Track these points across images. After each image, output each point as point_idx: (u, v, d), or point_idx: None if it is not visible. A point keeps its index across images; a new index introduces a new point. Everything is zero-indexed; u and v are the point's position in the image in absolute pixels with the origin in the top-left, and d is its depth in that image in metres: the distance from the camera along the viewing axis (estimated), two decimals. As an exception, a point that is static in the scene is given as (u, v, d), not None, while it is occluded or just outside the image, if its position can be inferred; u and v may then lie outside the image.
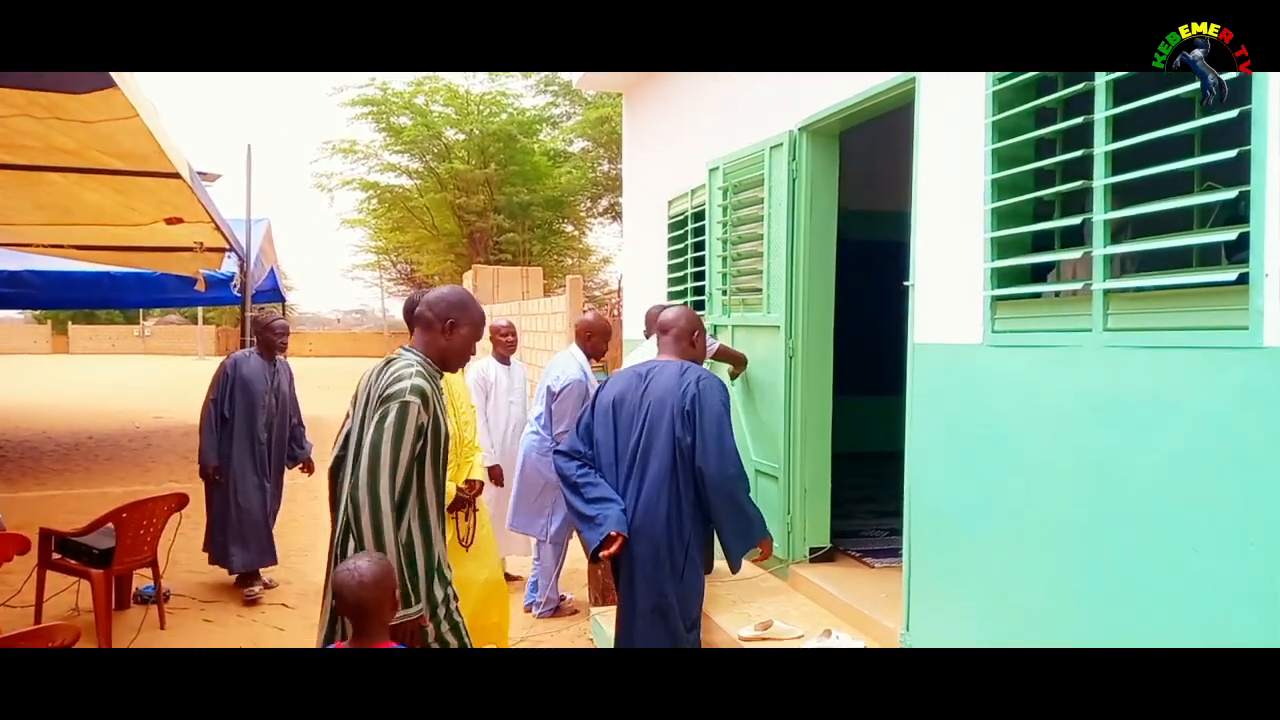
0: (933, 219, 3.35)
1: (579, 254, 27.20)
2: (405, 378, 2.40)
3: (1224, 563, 2.11)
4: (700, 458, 2.97)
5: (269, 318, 5.36)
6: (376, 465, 2.31)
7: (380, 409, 2.37)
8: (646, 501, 2.99)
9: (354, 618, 2.15)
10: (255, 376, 5.09)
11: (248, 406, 5.06)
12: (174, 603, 4.84)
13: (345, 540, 2.37)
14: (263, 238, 9.20)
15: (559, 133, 23.33)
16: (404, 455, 2.34)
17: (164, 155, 4.56)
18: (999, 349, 2.93)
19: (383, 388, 2.42)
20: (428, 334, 2.56)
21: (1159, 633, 2.29)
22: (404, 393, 2.36)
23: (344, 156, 23.26)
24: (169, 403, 16.62)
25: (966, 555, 3.10)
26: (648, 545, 2.99)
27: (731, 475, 2.98)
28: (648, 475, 3.01)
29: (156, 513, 4.50)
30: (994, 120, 2.91)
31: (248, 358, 5.17)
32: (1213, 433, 2.14)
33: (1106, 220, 2.49)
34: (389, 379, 2.44)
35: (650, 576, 3.00)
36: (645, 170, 7.18)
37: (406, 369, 2.44)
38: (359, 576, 2.12)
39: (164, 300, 15.50)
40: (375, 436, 2.33)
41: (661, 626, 3.02)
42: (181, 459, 10.06)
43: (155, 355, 38.25)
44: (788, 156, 4.37)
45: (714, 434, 2.97)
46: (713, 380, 3.11)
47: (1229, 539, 2.09)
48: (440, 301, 2.57)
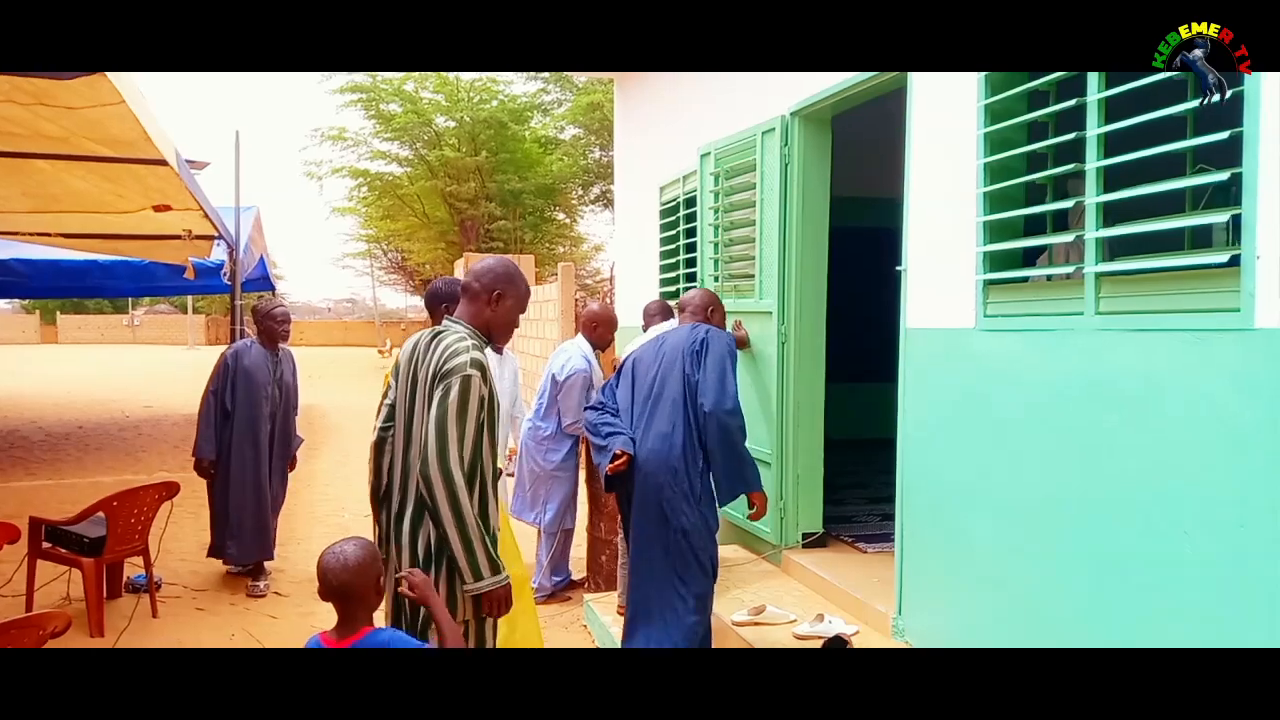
0: (925, 203, 3.34)
1: (571, 242, 27.14)
2: (462, 351, 2.39)
3: (1216, 545, 2.12)
4: (701, 392, 3.21)
5: (270, 305, 5.15)
6: (445, 441, 2.31)
7: (442, 385, 2.36)
8: (659, 434, 3.22)
9: (339, 602, 2.12)
10: (257, 367, 4.94)
11: (250, 398, 4.90)
12: (166, 591, 4.83)
13: (419, 520, 2.42)
14: (252, 225, 9.14)
15: (550, 120, 23.23)
16: (470, 428, 2.35)
17: (151, 142, 4.51)
18: (991, 333, 2.94)
19: (439, 362, 2.41)
20: (474, 305, 2.56)
21: (1150, 615, 2.30)
22: (464, 366, 2.36)
23: (333, 144, 23.15)
24: (159, 392, 16.55)
25: (959, 539, 3.11)
26: (666, 472, 3.19)
27: (727, 410, 3.17)
28: (661, 410, 3.24)
29: (147, 501, 4.48)
30: (986, 104, 2.90)
31: (249, 348, 5.00)
32: (1204, 415, 2.14)
33: (1099, 203, 2.49)
34: (444, 353, 2.42)
35: (671, 500, 3.19)
36: (637, 156, 7.15)
37: (460, 343, 2.43)
38: (344, 560, 2.10)
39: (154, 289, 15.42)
40: (440, 412, 2.33)
41: (686, 547, 3.19)
42: (173, 448, 10.03)
43: (145, 345, 38.06)
44: (780, 141, 4.36)
45: (715, 373, 3.20)
46: (721, 333, 3.35)
47: (1220, 521, 2.10)
48: (487, 273, 2.56)
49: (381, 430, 2.66)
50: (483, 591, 2.34)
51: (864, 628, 3.60)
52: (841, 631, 3.49)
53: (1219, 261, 2.13)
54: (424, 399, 2.42)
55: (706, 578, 3.23)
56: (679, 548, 3.18)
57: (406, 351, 2.59)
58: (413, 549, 2.44)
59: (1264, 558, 2.00)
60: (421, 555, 2.43)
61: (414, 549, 2.44)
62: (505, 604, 2.41)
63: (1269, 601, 1.99)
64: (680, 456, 3.18)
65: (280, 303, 5.21)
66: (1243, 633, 2.06)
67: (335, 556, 2.11)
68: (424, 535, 2.42)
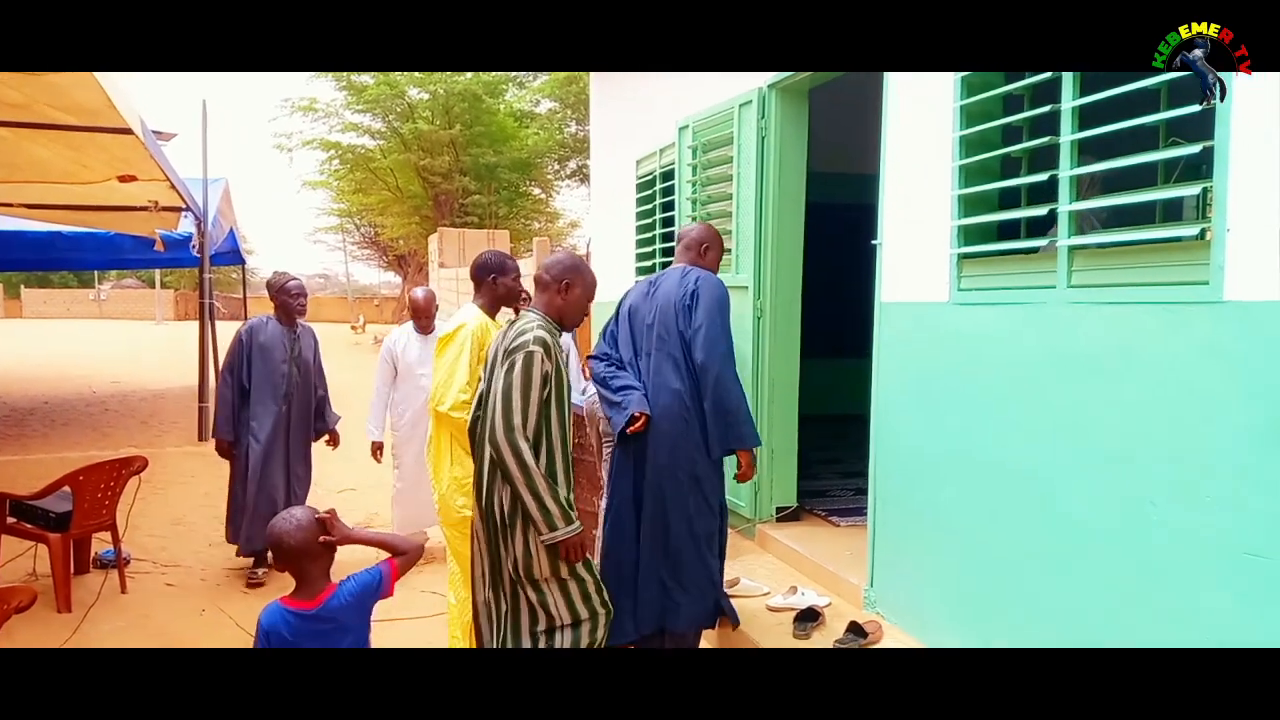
0: (901, 177, 3.34)
1: (547, 218, 26.97)
2: (527, 331, 2.69)
3: (1181, 513, 2.15)
4: (692, 343, 3.26)
5: (282, 279, 4.84)
6: (509, 407, 2.60)
7: (508, 360, 2.66)
8: (670, 389, 3.26)
9: (295, 565, 2.15)
10: (273, 344, 4.69)
11: (267, 376, 4.66)
12: (134, 567, 4.77)
13: (493, 484, 2.68)
14: (220, 197, 8.99)
15: (526, 93, 22.99)
16: (533, 397, 2.62)
17: (116, 110, 4.40)
18: (965, 306, 2.95)
19: (509, 343, 2.71)
20: (545, 294, 2.88)
21: (1118, 583, 2.34)
22: (528, 344, 2.65)
23: (304, 115, 22.76)
24: (127, 368, 16.31)
25: (930, 511, 3.14)
26: (679, 425, 3.25)
27: (717, 364, 3.21)
28: (665, 365, 3.29)
29: (114, 476, 4.42)
30: (963, 78, 2.90)
31: (265, 324, 4.75)
32: (1173, 386, 2.17)
33: (1072, 176, 2.50)
34: (513, 335, 2.73)
35: (684, 449, 3.25)
36: (613, 130, 7.09)
37: (528, 325, 2.73)
38: (297, 522, 2.14)
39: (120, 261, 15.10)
40: (505, 384, 2.62)
41: (699, 494, 3.26)
42: (140, 424, 9.90)
43: (112, 320, 37.43)
44: (757, 114, 4.33)
45: (705, 325, 3.24)
46: (711, 279, 3.36)
47: (1187, 490, 2.13)
48: (556, 265, 2.89)
49: (475, 414, 2.87)
50: (557, 540, 2.61)
51: (836, 599, 3.64)
52: (814, 604, 3.52)
53: (1189, 235, 2.14)
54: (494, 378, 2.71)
55: (715, 518, 3.37)
56: (694, 494, 3.27)
57: (493, 344, 2.91)
58: (490, 510, 2.71)
59: (1228, 526, 2.03)
60: (499, 516, 2.69)
61: (492, 511, 2.70)
62: (580, 550, 2.68)
63: (1232, 568, 2.02)
64: (689, 409, 3.27)
65: (293, 276, 4.90)
66: (1207, 599, 2.10)
67: (287, 521, 2.16)
68: (498, 497, 2.68)
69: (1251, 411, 1.98)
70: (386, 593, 2.23)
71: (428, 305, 5.05)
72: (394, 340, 5.03)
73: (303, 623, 2.10)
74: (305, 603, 2.11)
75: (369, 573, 2.22)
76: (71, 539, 4.28)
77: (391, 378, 4.97)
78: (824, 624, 3.39)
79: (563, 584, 2.72)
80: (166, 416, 10.42)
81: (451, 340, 3.31)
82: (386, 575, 2.22)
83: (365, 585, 2.19)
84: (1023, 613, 2.69)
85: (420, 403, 4.64)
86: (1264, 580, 1.96)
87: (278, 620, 2.11)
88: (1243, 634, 2.01)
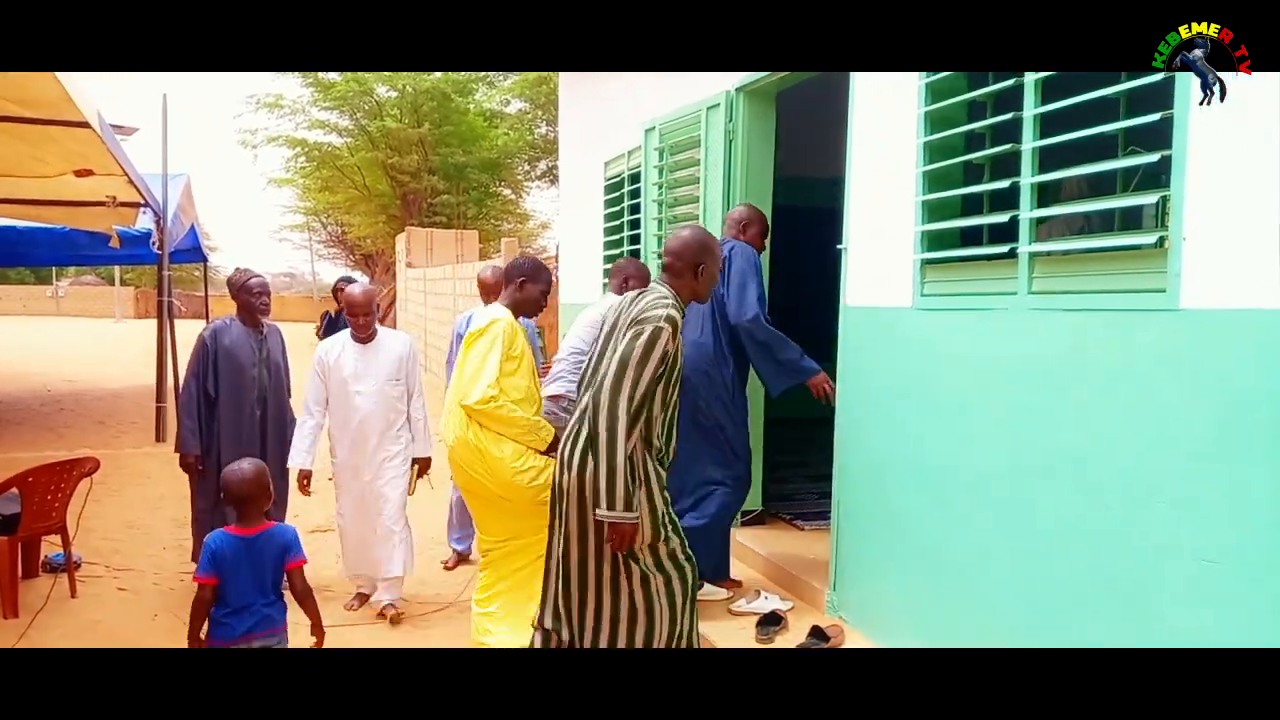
0: (866, 182, 3.35)
1: (516, 218, 26.84)
2: (660, 306, 2.62)
3: (1138, 519, 2.17)
4: (726, 305, 3.60)
5: (244, 276, 4.50)
6: (622, 376, 2.53)
7: (634, 329, 2.58)
8: (692, 341, 3.54)
9: (239, 505, 2.75)
10: (239, 346, 4.32)
11: (234, 382, 4.27)
12: (86, 570, 4.65)
13: (587, 450, 2.60)
14: (181, 193, 8.83)
15: (496, 92, 22.87)
16: (648, 372, 2.55)
17: (72, 103, 4.30)
18: (928, 312, 2.96)
19: (638, 312, 2.64)
20: (681, 279, 2.77)
21: (1075, 588, 2.36)
22: (658, 319, 2.58)
23: (270, 111, 22.44)
24: (83, 366, 15.97)
25: (894, 514, 3.15)
26: (700, 376, 3.58)
27: (748, 319, 3.55)
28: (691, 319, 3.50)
29: (65, 478, 4.30)
30: (928, 82, 2.91)
31: (228, 325, 4.39)
32: (1131, 392, 2.19)
33: (1033, 184, 2.52)
34: (645, 305, 2.66)
35: (706, 399, 3.60)
36: (582, 131, 7.07)
37: (662, 300, 2.65)
38: (241, 474, 2.76)
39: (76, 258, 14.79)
40: (626, 351, 2.56)
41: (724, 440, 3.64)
42: (95, 424, 9.69)
43: (70, 317, 36.65)
44: (724, 117, 4.33)
45: (736, 285, 3.58)
46: (746, 248, 3.69)
47: (1144, 496, 2.16)
48: (687, 249, 2.78)
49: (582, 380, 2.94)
50: (608, 520, 2.53)
51: (799, 604, 3.64)
52: (777, 608, 3.52)
53: (1147, 243, 2.17)
54: (616, 342, 2.65)
55: (740, 461, 3.73)
56: (717, 441, 3.64)
57: (612, 310, 2.87)
58: (580, 474, 2.62)
59: (1184, 532, 2.06)
60: (590, 484, 2.60)
61: (581, 475, 2.62)
62: (627, 540, 2.56)
63: (1188, 573, 2.05)
64: (712, 361, 3.61)
65: (255, 273, 4.56)
66: (1162, 603, 2.12)
67: (235, 472, 2.78)
68: (591, 464, 2.60)
69: (1206, 418, 2.01)
70: (297, 560, 2.78)
71: (367, 303, 4.12)
72: (326, 351, 4.15)
73: (241, 544, 2.70)
74: (245, 530, 2.73)
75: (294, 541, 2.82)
76: (19, 542, 4.16)
77: (324, 396, 4.09)
78: (787, 628, 3.39)
79: (653, 547, 2.67)
80: (124, 416, 10.20)
81: (483, 334, 3.26)
82: (297, 550, 2.79)
83: (287, 538, 2.80)
84: (981, 616, 2.70)
85: (355, 425, 4.01)
86: (1218, 586, 1.98)
87: (223, 543, 2.69)
88: (1197, 638, 2.03)
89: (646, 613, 2.64)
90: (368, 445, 4.03)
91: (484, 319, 3.34)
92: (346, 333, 4.16)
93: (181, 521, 4.71)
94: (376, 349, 4.09)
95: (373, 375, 4.03)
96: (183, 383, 4.42)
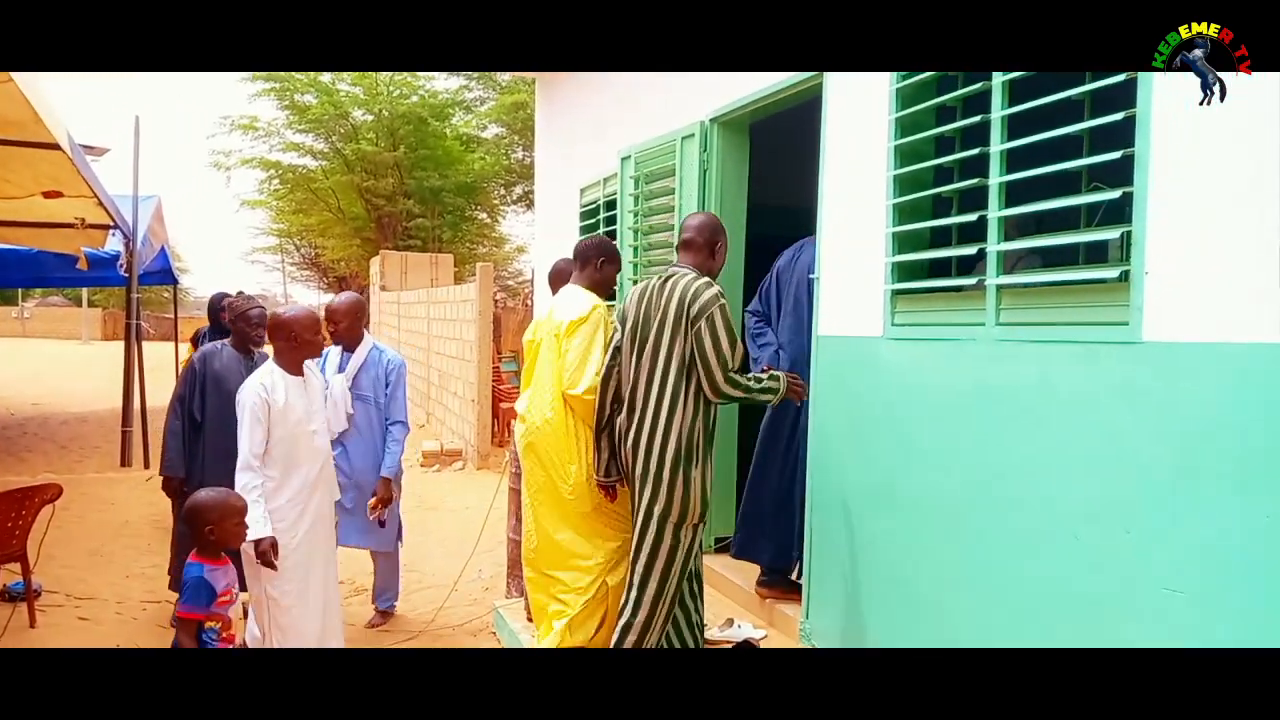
0: (838, 213, 3.40)
1: (492, 243, 26.79)
2: (705, 289, 2.94)
3: (1103, 548, 2.20)
4: None
5: (244, 305, 4.45)
6: (723, 361, 2.88)
7: (702, 319, 2.89)
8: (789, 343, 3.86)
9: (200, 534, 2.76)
10: (229, 373, 4.22)
11: (221, 408, 4.07)
12: (46, 600, 4.55)
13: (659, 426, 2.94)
14: (152, 215, 8.76)
15: (472, 117, 22.90)
16: (735, 345, 2.93)
17: (42, 123, 4.26)
18: (898, 341, 3.00)
19: (687, 299, 2.93)
20: (698, 255, 3.11)
21: (1043, 617, 2.37)
22: (717, 298, 2.92)
23: (244, 134, 22.29)
24: (49, 389, 15.67)
25: (865, 542, 3.16)
26: None
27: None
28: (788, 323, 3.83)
29: (25, 505, 4.22)
30: (897, 117, 2.97)
31: (219, 351, 4.36)
32: (1094, 423, 2.22)
33: (1000, 217, 2.56)
34: (688, 292, 2.94)
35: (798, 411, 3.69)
36: (558, 157, 7.10)
37: (698, 281, 2.97)
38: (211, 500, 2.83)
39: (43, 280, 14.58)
40: (712, 342, 2.88)
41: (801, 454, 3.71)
42: (60, 449, 9.51)
43: (36, 338, 36.01)
44: (699, 147, 4.37)
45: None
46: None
47: (1107, 524, 2.18)
48: (705, 228, 3.15)
49: (610, 364, 3.19)
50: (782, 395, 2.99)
51: (772, 631, 3.63)
52: (750, 636, 3.51)
53: (1110, 277, 2.21)
54: (664, 331, 2.96)
55: None
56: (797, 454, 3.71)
57: (635, 298, 3.14)
58: (663, 448, 2.93)
59: (1148, 561, 2.08)
60: (670, 455, 2.92)
61: (662, 449, 2.93)
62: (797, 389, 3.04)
63: (1152, 602, 2.07)
64: None
65: (257, 303, 4.50)
66: (1128, 632, 2.14)
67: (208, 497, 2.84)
68: (675, 436, 2.92)
69: (1167, 450, 2.04)
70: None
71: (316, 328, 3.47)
72: (264, 388, 3.26)
73: (214, 571, 2.74)
74: (216, 561, 2.77)
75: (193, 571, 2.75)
76: (-23, 571, 4.06)
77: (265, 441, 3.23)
78: (760, 657, 3.38)
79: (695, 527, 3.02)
80: (88, 441, 10.03)
81: (585, 321, 3.32)
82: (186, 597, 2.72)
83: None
84: (950, 644, 2.71)
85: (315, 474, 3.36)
86: (1181, 614, 2.01)
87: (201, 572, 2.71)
88: (1162, 667, 2.05)
89: None
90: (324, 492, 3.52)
91: (580, 303, 3.38)
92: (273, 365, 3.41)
93: (144, 549, 4.62)
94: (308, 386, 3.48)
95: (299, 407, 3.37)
96: (169, 406, 4.38)
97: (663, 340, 2.95)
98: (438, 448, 9.61)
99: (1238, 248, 1.92)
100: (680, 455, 2.91)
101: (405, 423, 4.33)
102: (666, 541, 2.94)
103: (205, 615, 2.67)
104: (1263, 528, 1.84)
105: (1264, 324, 1.85)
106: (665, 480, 2.92)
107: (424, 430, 11.56)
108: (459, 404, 10.07)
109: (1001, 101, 2.54)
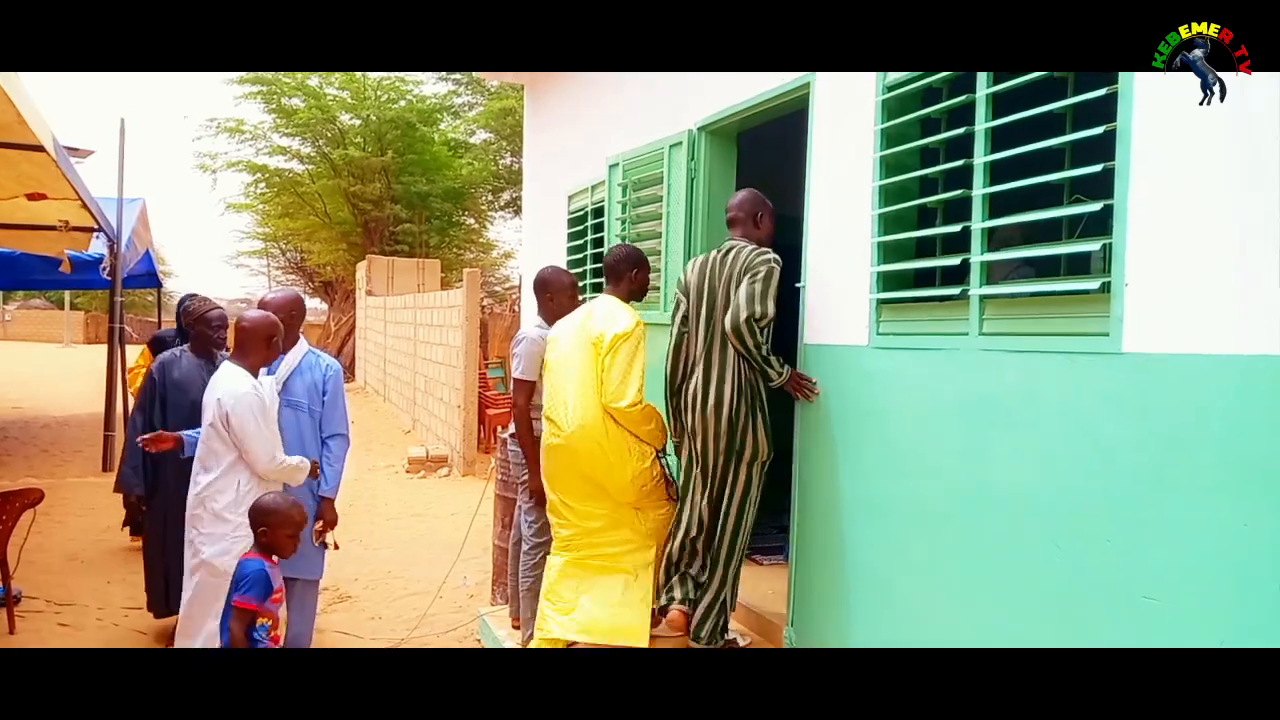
0: (823, 223, 3.42)
1: (480, 248, 26.74)
2: (765, 253, 3.25)
3: (1084, 557, 2.22)
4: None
5: (203, 307, 4.28)
6: (752, 305, 3.13)
7: (753, 269, 3.21)
8: None
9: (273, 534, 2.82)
10: (190, 381, 4.02)
11: (183, 419, 3.90)
12: (25, 605, 4.51)
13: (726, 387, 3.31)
14: (136, 218, 8.71)
15: (460, 123, 22.86)
16: (771, 299, 3.18)
17: (26, 125, 4.25)
18: (883, 350, 3.02)
19: (747, 261, 3.25)
20: (744, 227, 3.44)
21: (1024, 624, 2.40)
22: (770, 260, 3.22)
23: (230, 137, 22.19)
24: (29, 393, 15.53)
25: (850, 550, 3.18)
26: None
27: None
28: None
29: (6, 509, 4.19)
30: (882, 128, 2.99)
31: (178, 358, 4.17)
32: (1075, 432, 2.25)
33: (984, 228, 2.59)
34: (749, 256, 3.27)
35: None
36: (546, 164, 7.11)
37: (760, 251, 3.28)
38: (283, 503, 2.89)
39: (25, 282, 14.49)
40: (750, 288, 3.17)
41: None
42: (41, 453, 9.43)
43: (16, 341, 35.67)
44: (687, 155, 4.39)
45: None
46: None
47: (1088, 534, 2.21)
48: (746, 203, 3.47)
49: (678, 335, 3.51)
50: (782, 382, 3.26)
51: (757, 638, 3.64)
52: (735, 643, 3.51)
53: (1091, 288, 2.24)
54: (729, 297, 3.25)
55: None
56: None
57: (695, 269, 3.46)
58: (734, 399, 3.29)
59: (1127, 570, 2.11)
60: (744, 405, 3.30)
61: (733, 400, 3.29)
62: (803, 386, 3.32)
63: (1131, 610, 2.09)
64: None
65: (215, 305, 4.34)
66: (1109, 639, 2.16)
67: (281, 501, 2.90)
68: (742, 387, 3.29)
69: (1147, 459, 2.07)
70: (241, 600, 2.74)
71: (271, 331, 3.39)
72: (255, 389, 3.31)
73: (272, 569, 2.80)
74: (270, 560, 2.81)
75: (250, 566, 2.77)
76: (-45, 576, 4.02)
77: None
78: (744, 664, 3.39)
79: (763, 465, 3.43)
80: (69, 445, 9.94)
81: (629, 338, 3.39)
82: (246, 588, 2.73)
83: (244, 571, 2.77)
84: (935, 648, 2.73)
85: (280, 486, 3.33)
86: (1159, 623, 2.03)
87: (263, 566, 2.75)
88: (1141, 674, 2.07)
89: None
90: None
91: (622, 318, 3.46)
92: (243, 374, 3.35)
93: (125, 555, 4.59)
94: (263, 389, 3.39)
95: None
96: (127, 420, 4.21)
97: (728, 306, 3.23)
98: (424, 454, 9.59)
99: (1214, 261, 1.95)
100: (748, 403, 3.28)
101: (346, 435, 3.80)
102: (742, 479, 3.35)
103: (260, 609, 2.66)
104: (1241, 536, 1.87)
105: (1240, 337, 1.88)
106: (740, 426, 3.28)
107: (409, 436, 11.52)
108: (445, 410, 10.05)
109: (985, 114, 2.57)
